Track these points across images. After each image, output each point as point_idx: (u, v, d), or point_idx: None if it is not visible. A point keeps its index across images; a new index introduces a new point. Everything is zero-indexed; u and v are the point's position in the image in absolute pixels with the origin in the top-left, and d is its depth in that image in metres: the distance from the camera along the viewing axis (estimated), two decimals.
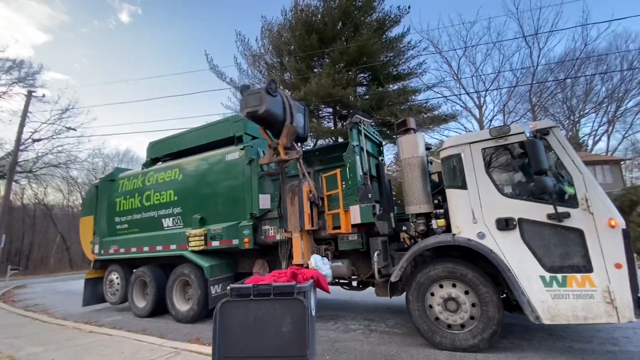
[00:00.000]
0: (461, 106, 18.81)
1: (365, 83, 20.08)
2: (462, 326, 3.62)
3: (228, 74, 24.84)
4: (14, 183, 20.68)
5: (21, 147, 18.85)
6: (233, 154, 6.00)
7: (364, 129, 5.13)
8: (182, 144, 7.21)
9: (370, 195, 4.52)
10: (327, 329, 4.91)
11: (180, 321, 5.76)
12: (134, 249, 6.82)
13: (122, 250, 7.04)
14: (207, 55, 20.96)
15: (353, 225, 4.59)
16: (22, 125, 15.39)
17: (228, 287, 2.21)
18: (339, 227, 4.74)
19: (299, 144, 6.94)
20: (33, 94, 16.95)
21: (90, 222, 7.90)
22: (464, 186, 3.81)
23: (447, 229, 4.00)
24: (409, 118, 4.96)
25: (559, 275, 3.24)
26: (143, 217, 6.98)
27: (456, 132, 18.33)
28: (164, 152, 7.58)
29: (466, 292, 3.63)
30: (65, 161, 27.40)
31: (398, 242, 5.32)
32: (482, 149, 3.81)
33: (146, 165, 7.80)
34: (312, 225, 4.89)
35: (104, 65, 70.53)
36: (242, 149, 5.87)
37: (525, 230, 3.43)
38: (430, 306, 3.80)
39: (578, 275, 3.17)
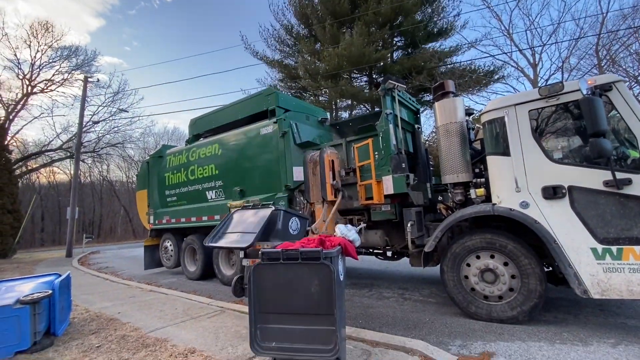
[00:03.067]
0: (512, 66, 17.04)
1: (401, 46, 18.85)
2: (500, 297, 3.51)
3: (260, 49, 24.68)
4: (81, 162, 23.14)
5: (84, 129, 20.86)
6: (267, 127, 6.11)
7: (398, 95, 4.89)
8: (220, 120, 7.48)
9: (404, 165, 4.39)
10: (361, 296, 5.05)
11: (226, 284, 6.26)
12: (183, 220, 7.40)
13: (173, 220, 7.70)
14: (243, 37, 21.02)
15: (386, 196, 4.52)
16: (82, 109, 16.90)
17: (260, 252, 2.33)
18: (371, 198, 4.68)
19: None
20: (89, 79, 18.39)
21: (144, 195, 8.64)
22: (507, 152, 3.55)
23: (487, 198, 3.81)
24: (447, 81, 4.65)
25: (614, 248, 2.95)
26: (189, 190, 7.43)
27: (501, 94, 16.75)
28: (205, 128, 7.91)
29: (505, 264, 3.49)
30: (122, 141, 29.94)
31: (434, 213, 5.19)
32: (529, 111, 3.49)
33: (189, 141, 8.24)
34: (335, 197, 4.85)
35: (150, 46, 73.82)
36: (275, 123, 5.95)
37: (575, 198, 3.15)
38: (466, 277, 3.71)
39: (637, 248, 2.87)
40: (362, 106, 18.72)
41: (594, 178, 3.08)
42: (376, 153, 4.71)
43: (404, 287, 5.45)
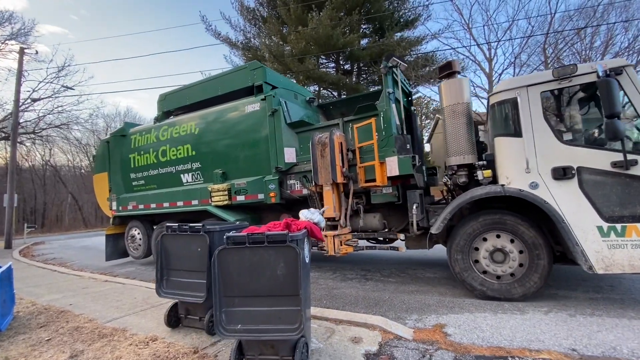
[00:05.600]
0: (470, 59, 17.89)
1: (368, 34, 18.99)
2: (512, 275, 3.62)
3: (223, 31, 23.47)
4: (18, 144, 20.85)
5: (21, 108, 18.69)
6: (253, 104, 5.63)
7: (398, 75, 4.73)
8: (196, 96, 6.80)
9: (408, 146, 4.30)
10: (326, 278, 5.21)
11: None
12: (153, 205, 6.82)
13: (141, 206, 7.04)
14: (203, 17, 19.70)
15: (389, 178, 4.42)
16: (18, 84, 15.11)
17: (224, 236, 2.31)
18: (371, 180, 4.56)
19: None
20: (26, 50, 16.41)
21: (104, 178, 7.83)
22: (518, 134, 3.58)
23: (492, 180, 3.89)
24: (454, 60, 4.57)
25: (618, 225, 3.13)
26: (160, 173, 6.84)
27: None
28: (177, 104, 7.18)
29: (512, 241, 3.61)
30: (66, 122, 27.28)
31: (428, 196, 5.24)
32: (541, 92, 3.53)
33: (159, 118, 7.41)
34: (344, 179, 4.66)
35: (101, 16, 66.93)
36: (263, 100, 5.51)
37: (584, 179, 3.27)
38: (477, 261, 3.76)
39: (639, 225, 3.07)
40: (328, 91, 18.70)
41: (602, 159, 3.20)
42: (376, 134, 4.53)
43: (366, 269, 5.70)
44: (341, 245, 4.55)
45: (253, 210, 6.00)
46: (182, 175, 6.53)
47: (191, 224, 3.00)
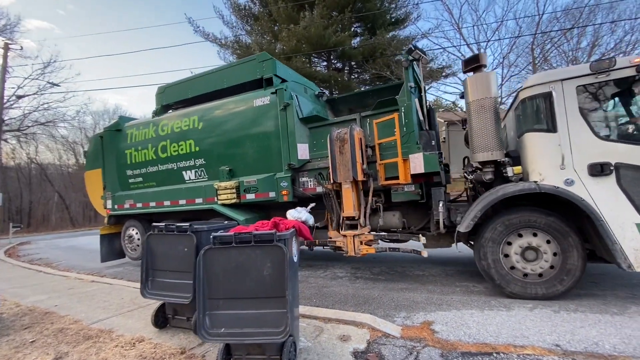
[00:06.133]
0: (460, 58, 18.06)
1: (359, 33, 19.04)
2: (540, 275, 3.53)
3: (212, 30, 23.13)
4: (3, 142, 20.35)
5: (5, 105, 18.22)
6: (262, 98, 5.36)
7: (419, 68, 4.58)
8: (198, 89, 6.45)
9: (433, 142, 4.21)
10: (316, 277, 5.21)
11: None
12: (153, 204, 6.47)
13: (139, 205, 6.70)
14: (190, 19, 19.42)
15: (412, 175, 4.27)
16: (2, 81, 14.74)
17: (211, 236, 2.29)
18: (392, 178, 4.39)
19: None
20: (11, 46, 15.99)
21: (97, 175, 7.42)
22: (552, 129, 3.49)
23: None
24: (482, 53, 4.37)
25: None
26: (160, 170, 6.49)
27: (454, 87, 17.79)
28: (177, 98, 6.81)
29: (548, 242, 3.51)
30: (52, 119, 26.70)
31: (446, 193, 5.06)
32: (576, 87, 3.43)
33: (157, 113, 7.01)
34: (364, 177, 4.45)
35: (88, 12, 65.47)
36: (273, 93, 5.26)
37: (623, 175, 3.19)
38: (506, 255, 3.66)
39: None
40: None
41: None
42: (395, 130, 4.39)
43: (357, 267, 5.72)
44: (361, 244, 4.43)
45: (262, 209, 5.76)
46: (184, 172, 6.22)
47: (178, 224, 2.97)
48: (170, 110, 6.98)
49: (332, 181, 4.59)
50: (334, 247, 4.64)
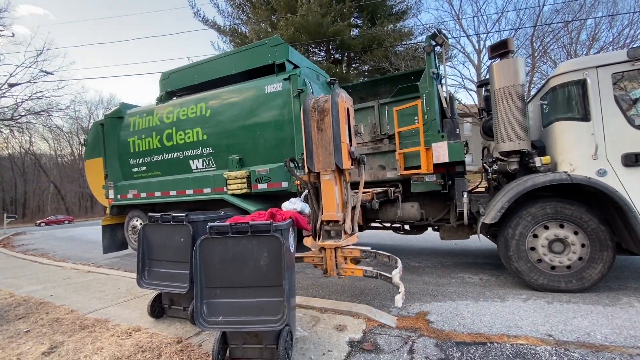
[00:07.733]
0: (459, 50, 17.95)
1: (359, 24, 18.80)
2: (568, 267, 3.44)
3: (211, 16, 22.81)
4: None
5: None
6: (274, 84, 5.19)
7: (443, 54, 4.46)
8: (206, 75, 6.24)
9: (457, 131, 4.10)
10: (313, 268, 5.21)
11: None
12: (158, 193, 6.33)
13: (143, 194, 6.54)
14: (191, 1, 19.09)
15: (434, 165, 4.12)
16: None
17: (207, 226, 2.27)
18: (412, 167, 4.25)
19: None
20: (2, 32, 15.63)
21: (98, 164, 7.22)
22: (585, 117, 3.36)
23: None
24: (509, 39, 4.23)
25: None
26: (165, 159, 6.31)
27: (451, 78, 17.72)
28: (182, 84, 6.62)
29: (575, 233, 3.41)
30: (46, 108, 26.32)
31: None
32: (612, 74, 3.30)
33: (161, 100, 6.80)
34: (352, 164, 3.18)
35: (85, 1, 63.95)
36: (286, 79, 5.08)
37: None
38: (532, 248, 3.55)
39: None
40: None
41: None
42: (415, 118, 4.23)
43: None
44: (345, 261, 3.13)
45: (271, 200, 5.57)
46: (191, 162, 6.04)
47: (174, 214, 2.96)
48: (175, 97, 6.81)
49: (307, 170, 3.23)
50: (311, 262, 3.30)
